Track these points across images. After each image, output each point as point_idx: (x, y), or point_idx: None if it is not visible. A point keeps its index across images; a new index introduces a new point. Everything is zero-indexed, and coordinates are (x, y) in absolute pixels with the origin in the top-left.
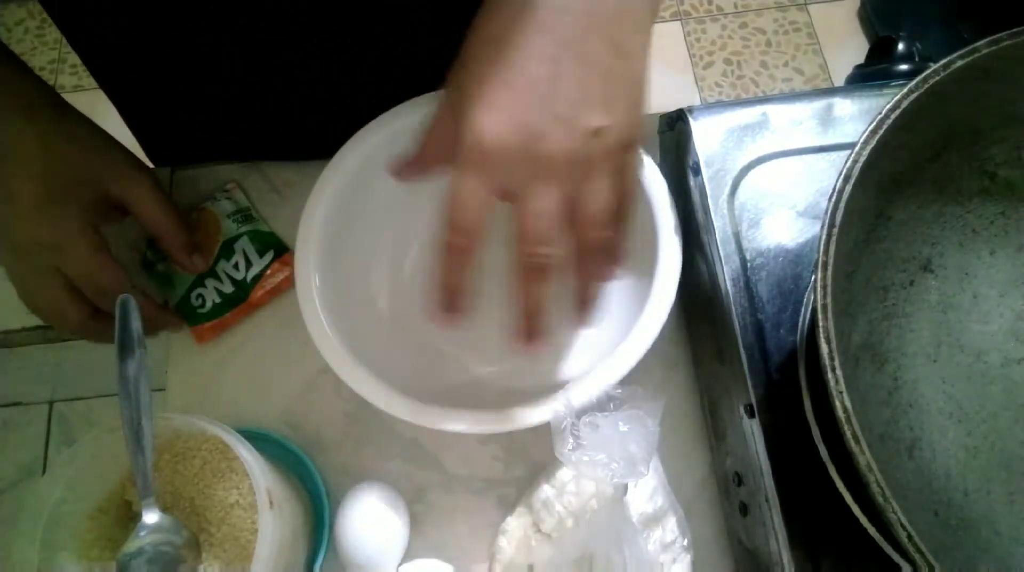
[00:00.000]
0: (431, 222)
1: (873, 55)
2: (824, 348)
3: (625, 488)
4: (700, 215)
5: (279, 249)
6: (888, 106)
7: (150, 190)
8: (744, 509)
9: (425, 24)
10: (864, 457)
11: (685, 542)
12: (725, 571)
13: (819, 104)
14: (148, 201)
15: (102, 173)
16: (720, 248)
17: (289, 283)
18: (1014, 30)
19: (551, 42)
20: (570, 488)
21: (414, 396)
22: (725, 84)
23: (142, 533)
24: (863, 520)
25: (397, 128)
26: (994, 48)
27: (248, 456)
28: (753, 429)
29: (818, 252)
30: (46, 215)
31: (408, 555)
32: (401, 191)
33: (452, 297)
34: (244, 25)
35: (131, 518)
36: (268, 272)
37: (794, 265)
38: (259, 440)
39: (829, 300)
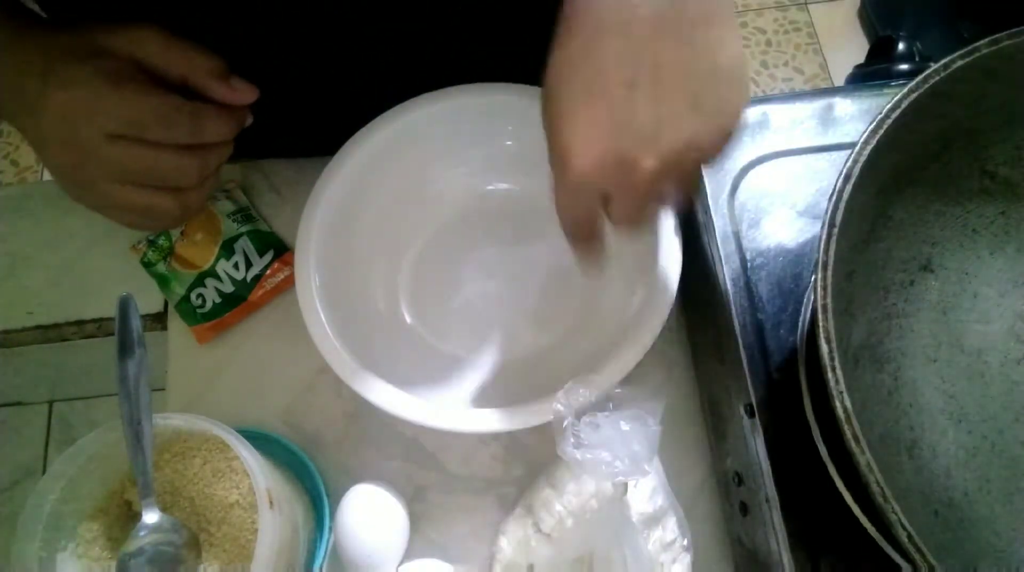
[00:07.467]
0: (431, 222)
1: (873, 55)
2: (824, 348)
3: (625, 488)
4: (700, 215)
5: (279, 249)
6: (888, 106)
7: (150, 30)
8: (744, 509)
9: (427, 24)
10: (864, 457)
11: (685, 542)
12: (725, 571)
13: (819, 104)
14: (150, 41)
15: (100, 39)
16: (720, 248)
17: (289, 283)
18: (1014, 30)
19: (626, 62)
20: (570, 488)
21: (414, 395)
22: None
23: (142, 533)
24: (863, 520)
25: (398, 127)
26: (994, 48)
27: (248, 456)
28: (753, 429)
29: (818, 252)
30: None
31: (408, 555)
32: (401, 191)
33: (596, 258)
34: (245, 25)
35: (131, 518)
36: (268, 272)
37: (794, 265)
38: (259, 440)
39: (829, 300)
